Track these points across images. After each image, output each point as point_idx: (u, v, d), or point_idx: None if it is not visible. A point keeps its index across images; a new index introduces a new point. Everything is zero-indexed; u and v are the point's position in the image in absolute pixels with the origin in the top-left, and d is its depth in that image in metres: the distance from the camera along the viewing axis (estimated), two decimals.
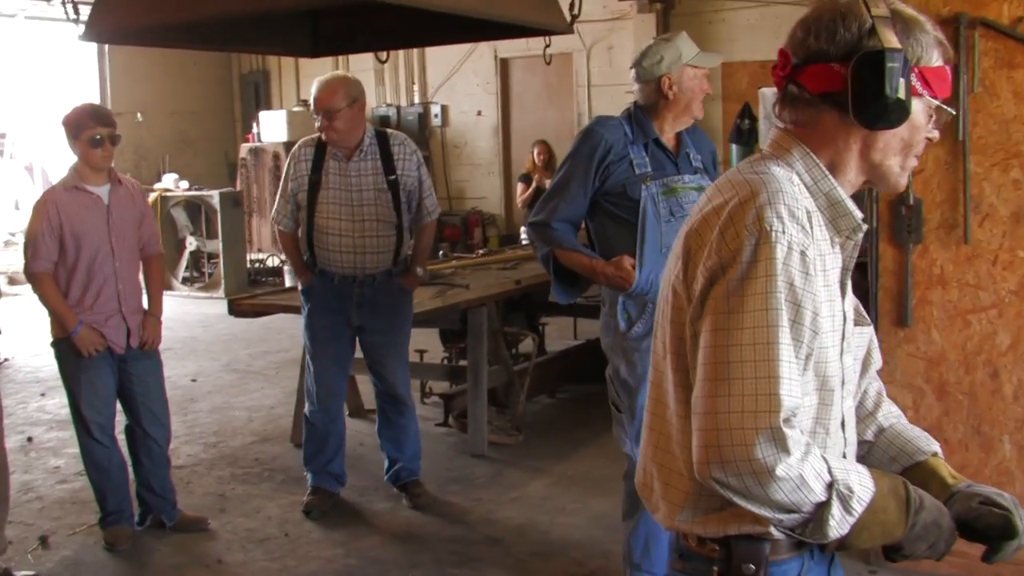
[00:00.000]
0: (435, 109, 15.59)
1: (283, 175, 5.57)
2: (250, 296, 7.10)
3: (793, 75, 1.87)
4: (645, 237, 4.00)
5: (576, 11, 5.07)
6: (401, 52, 14.76)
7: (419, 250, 5.62)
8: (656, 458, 1.96)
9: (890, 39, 1.78)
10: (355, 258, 5.35)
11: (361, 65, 13.88)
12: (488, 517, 5.55)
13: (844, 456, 1.96)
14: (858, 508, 1.75)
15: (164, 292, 5.56)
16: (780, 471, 1.68)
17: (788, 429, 1.69)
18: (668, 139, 4.15)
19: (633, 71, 4.14)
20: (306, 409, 5.72)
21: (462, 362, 7.15)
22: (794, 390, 1.72)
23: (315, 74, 5.59)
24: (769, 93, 12.48)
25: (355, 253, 5.35)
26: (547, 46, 5.76)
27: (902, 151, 1.88)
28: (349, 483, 5.82)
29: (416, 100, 15.66)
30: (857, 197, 1.96)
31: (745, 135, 11.04)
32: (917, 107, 1.83)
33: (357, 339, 5.62)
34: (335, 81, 5.27)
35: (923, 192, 4.47)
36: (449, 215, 14.36)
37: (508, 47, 14.01)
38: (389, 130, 5.69)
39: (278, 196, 5.58)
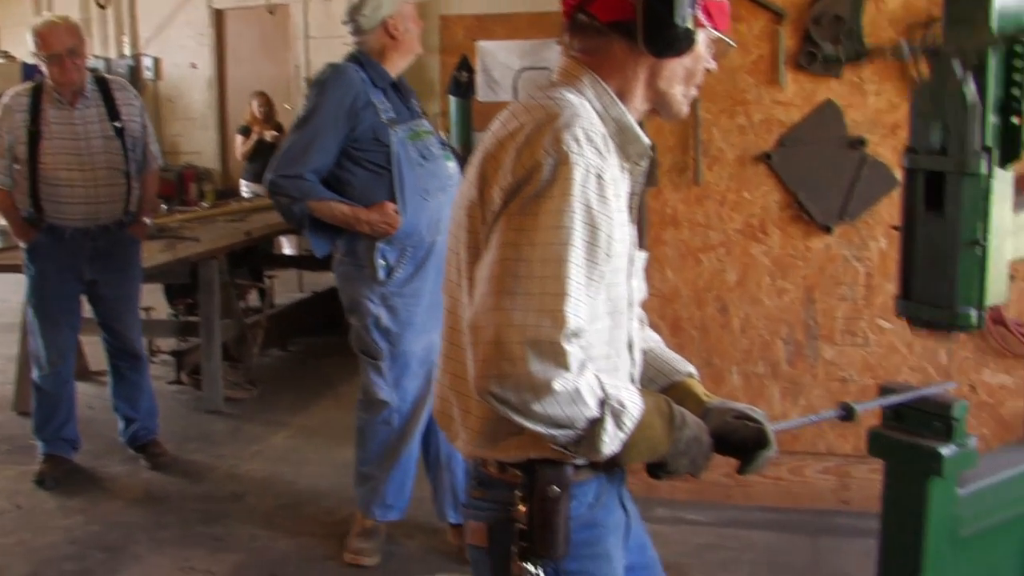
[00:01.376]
0: (147, 62, 14.92)
1: None
2: None
3: (583, 4, 1.90)
4: (404, 182, 3.99)
5: None
6: (112, 2, 14.06)
7: (147, 198, 5.43)
8: (454, 386, 1.94)
9: None
10: (88, 208, 5.10)
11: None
12: (232, 472, 5.45)
13: (632, 377, 2.03)
14: (629, 424, 1.78)
15: None
16: (557, 385, 1.68)
17: (568, 346, 1.68)
18: None
19: (352, 24, 4.08)
20: (34, 375, 5.42)
21: (191, 318, 6.95)
22: (580, 311, 1.71)
23: (11, 24, 5.27)
24: (486, 46, 12.69)
25: (87, 203, 5.09)
26: None
27: (685, 80, 1.95)
28: (83, 448, 5.55)
29: (127, 52, 14.98)
30: None
31: (464, 87, 11.12)
32: (699, 38, 1.90)
33: (84, 296, 5.38)
34: (66, 20, 5.04)
35: (656, 137, 4.57)
36: (164, 171, 13.80)
37: None
38: (108, 75, 5.45)
39: None
